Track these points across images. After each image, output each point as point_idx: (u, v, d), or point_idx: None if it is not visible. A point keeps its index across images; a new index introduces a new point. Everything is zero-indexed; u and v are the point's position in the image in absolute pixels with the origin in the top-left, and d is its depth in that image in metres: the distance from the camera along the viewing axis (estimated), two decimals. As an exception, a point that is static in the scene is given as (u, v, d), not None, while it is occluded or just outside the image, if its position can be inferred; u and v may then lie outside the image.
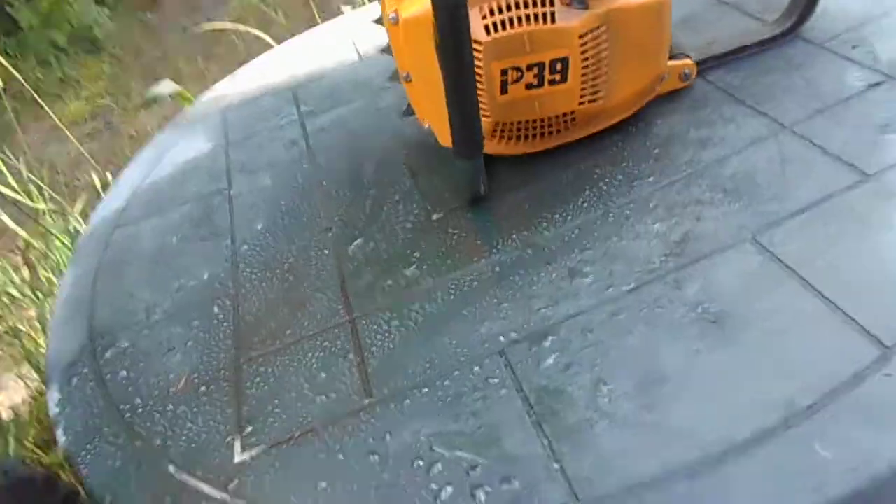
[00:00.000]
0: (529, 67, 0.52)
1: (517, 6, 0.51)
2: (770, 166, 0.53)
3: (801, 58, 0.63)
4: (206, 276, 0.62)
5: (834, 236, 0.46)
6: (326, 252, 0.61)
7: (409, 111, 0.67)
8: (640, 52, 0.55)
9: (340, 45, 0.95)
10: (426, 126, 0.59)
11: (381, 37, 0.83)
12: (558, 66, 0.52)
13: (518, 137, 0.58)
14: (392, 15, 0.53)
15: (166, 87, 1.01)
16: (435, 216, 0.61)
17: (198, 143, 0.83)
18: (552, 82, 0.53)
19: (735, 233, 0.48)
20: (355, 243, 0.61)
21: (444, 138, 0.58)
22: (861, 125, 0.53)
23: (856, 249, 0.44)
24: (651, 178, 0.56)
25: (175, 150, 0.83)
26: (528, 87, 0.53)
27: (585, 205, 0.56)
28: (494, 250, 0.55)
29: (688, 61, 0.60)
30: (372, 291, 0.55)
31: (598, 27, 0.52)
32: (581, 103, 0.55)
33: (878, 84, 0.57)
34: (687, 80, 0.61)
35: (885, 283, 0.42)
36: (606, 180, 0.58)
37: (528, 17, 0.51)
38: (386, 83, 0.82)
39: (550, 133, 0.58)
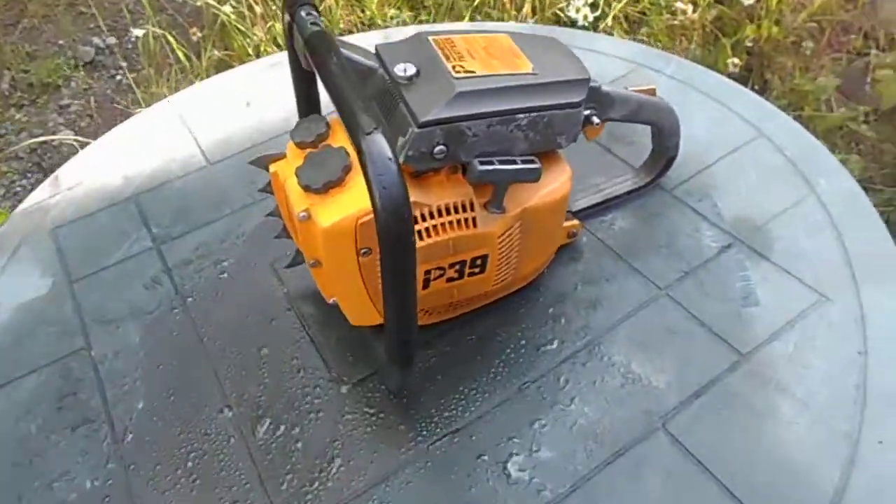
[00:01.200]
0: (452, 265, 0.53)
1: (440, 213, 0.51)
2: (658, 337, 0.59)
3: (655, 206, 0.70)
4: (89, 485, 0.55)
5: (729, 424, 0.53)
6: (232, 440, 0.57)
7: (294, 262, 0.64)
8: (545, 235, 0.59)
9: (176, 137, 0.87)
10: (331, 302, 0.57)
11: (222, 125, 0.80)
12: (478, 262, 0.54)
13: (432, 314, 0.59)
14: (302, 214, 0.50)
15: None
16: (344, 388, 0.60)
17: (31, 278, 0.72)
18: (471, 274, 0.55)
19: (645, 420, 0.54)
20: (263, 428, 0.58)
21: (356, 318, 0.57)
22: (725, 295, 0.61)
23: (751, 440, 0.52)
24: (554, 345, 0.60)
25: (2, 287, 0.71)
26: (449, 280, 0.54)
27: (499, 379, 0.59)
28: (420, 437, 0.55)
29: (576, 222, 0.64)
30: (300, 496, 0.53)
31: (513, 226, 0.54)
32: (494, 285, 0.57)
33: (728, 247, 0.65)
34: (573, 237, 0.65)
35: (781, 478, 0.50)
36: (512, 346, 0.61)
37: (451, 223, 0.51)
38: (246, 198, 0.78)
39: (461, 306, 0.60)
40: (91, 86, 1.98)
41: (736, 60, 1.39)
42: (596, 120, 0.57)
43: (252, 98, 0.91)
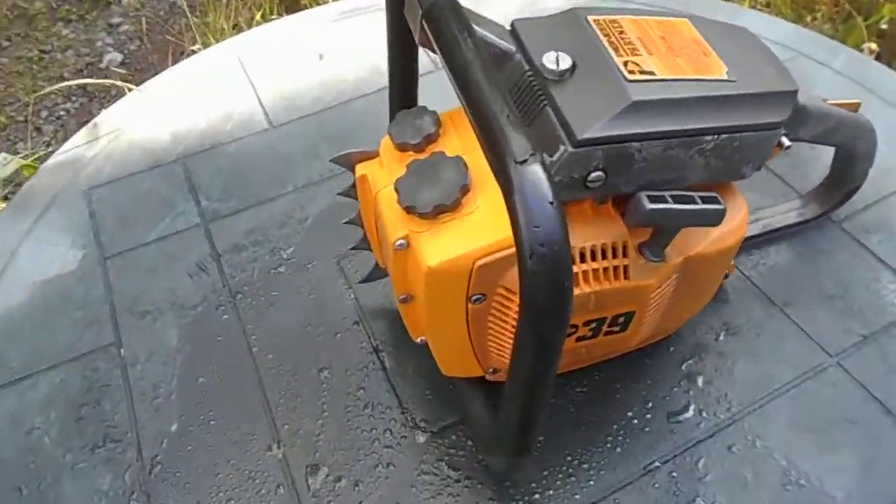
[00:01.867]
0: (587, 323, 0.41)
1: (583, 258, 0.38)
2: (830, 423, 0.47)
3: (820, 241, 0.56)
4: (107, 531, 0.46)
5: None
6: (280, 490, 0.47)
7: (372, 277, 0.52)
8: (704, 287, 0.46)
9: (234, 89, 0.74)
10: (419, 341, 0.45)
11: (289, 80, 0.67)
12: (620, 320, 0.42)
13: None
14: (400, 242, 0.38)
15: (4, 164, 0.70)
16: (421, 437, 0.49)
17: (59, 249, 0.61)
18: (609, 333, 0.42)
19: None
20: (319, 478, 0.47)
21: (450, 368, 0.45)
22: (918, 376, 0.48)
23: None
24: (689, 414, 0.48)
25: (24, 255, 0.61)
26: (580, 339, 0.42)
27: (618, 452, 0.47)
28: (515, 521, 0.44)
29: (730, 262, 0.51)
30: (363, 584, 0.43)
31: (671, 277, 0.41)
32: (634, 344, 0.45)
33: (919, 308, 0.52)
34: (724, 277, 0.52)
35: None
36: (635, 409, 0.48)
37: (596, 271, 0.39)
38: (312, 174, 0.66)
39: (582, 360, 0.48)
40: (143, 4, 1.85)
41: (873, 46, 1.20)
42: (786, 142, 0.43)
43: (325, 49, 0.78)
